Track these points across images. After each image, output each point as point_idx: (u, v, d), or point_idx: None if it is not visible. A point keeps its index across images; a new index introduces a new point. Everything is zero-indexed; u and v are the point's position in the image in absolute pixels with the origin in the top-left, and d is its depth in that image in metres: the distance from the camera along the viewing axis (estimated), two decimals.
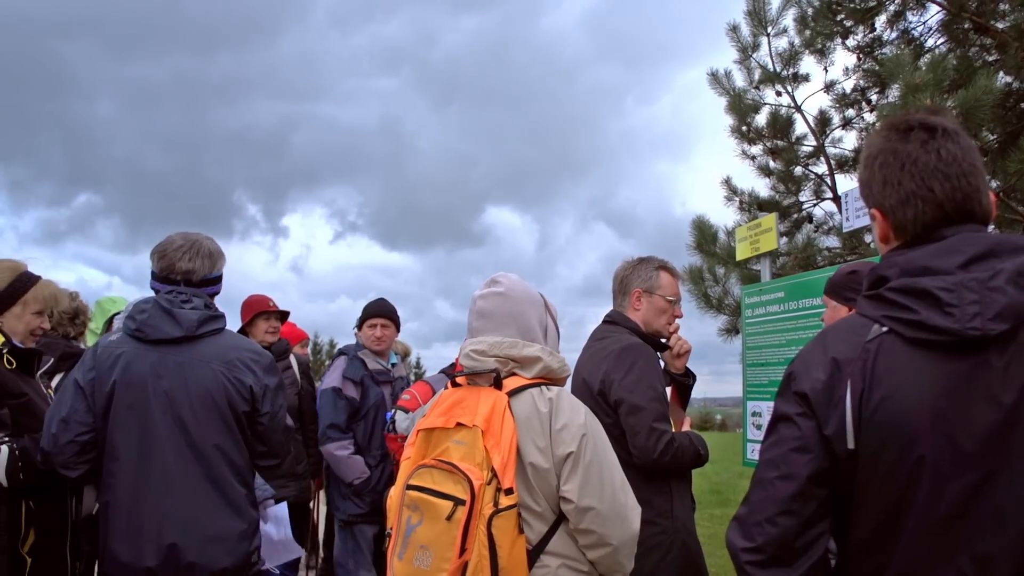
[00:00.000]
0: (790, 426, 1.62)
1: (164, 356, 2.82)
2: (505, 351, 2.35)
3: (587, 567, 2.27)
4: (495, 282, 2.50)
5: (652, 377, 3.17)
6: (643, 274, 3.48)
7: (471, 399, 2.31)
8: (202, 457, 2.76)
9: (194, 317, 2.83)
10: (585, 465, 2.21)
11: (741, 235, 5.74)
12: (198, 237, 3.01)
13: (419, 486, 2.25)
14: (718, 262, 8.15)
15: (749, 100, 8.31)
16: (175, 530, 2.70)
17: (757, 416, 5.04)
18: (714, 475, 14.06)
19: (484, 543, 2.10)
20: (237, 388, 2.81)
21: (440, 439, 2.31)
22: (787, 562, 1.57)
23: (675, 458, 3.05)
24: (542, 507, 2.23)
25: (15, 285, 3.14)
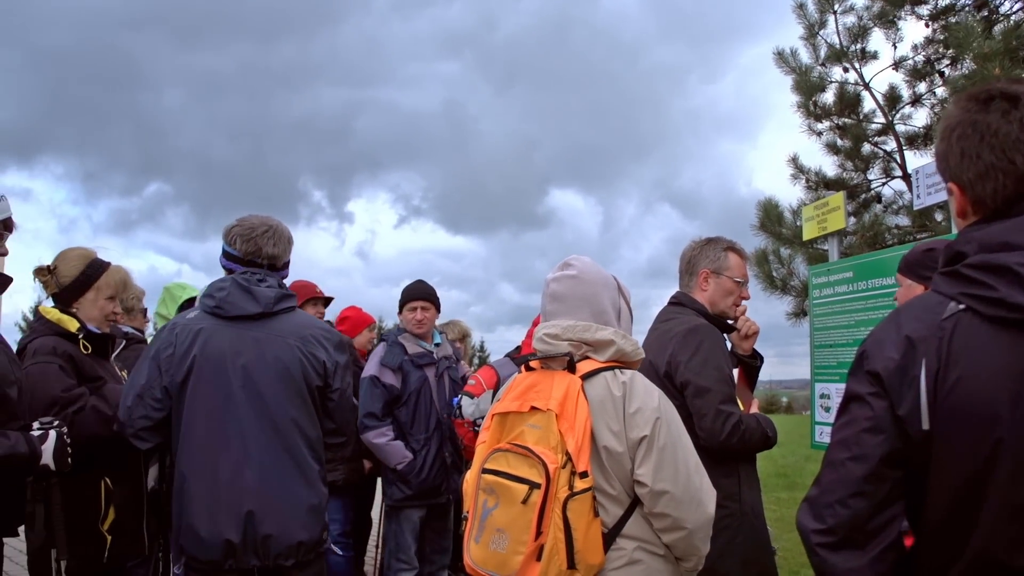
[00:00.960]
0: (862, 406, 1.59)
1: (242, 332, 2.89)
2: (578, 334, 2.35)
3: (663, 550, 2.27)
4: (568, 265, 2.49)
5: (718, 358, 3.13)
6: (711, 255, 3.42)
7: (545, 383, 2.31)
8: (279, 430, 2.82)
9: (271, 295, 2.90)
10: (659, 448, 2.20)
11: (808, 214, 5.64)
12: (274, 221, 3.09)
13: (495, 470, 2.27)
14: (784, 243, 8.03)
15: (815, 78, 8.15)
16: (253, 501, 2.75)
17: (825, 398, 4.97)
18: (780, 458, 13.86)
19: (560, 526, 2.11)
20: (312, 363, 2.87)
21: (515, 423, 2.32)
22: (859, 544, 1.54)
23: (743, 440, 3.02)
24: (617, 490, 2.23)
25: (87, 272, 3.25)
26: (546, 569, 2.12)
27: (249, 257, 3.03)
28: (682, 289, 3.51)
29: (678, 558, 2.30)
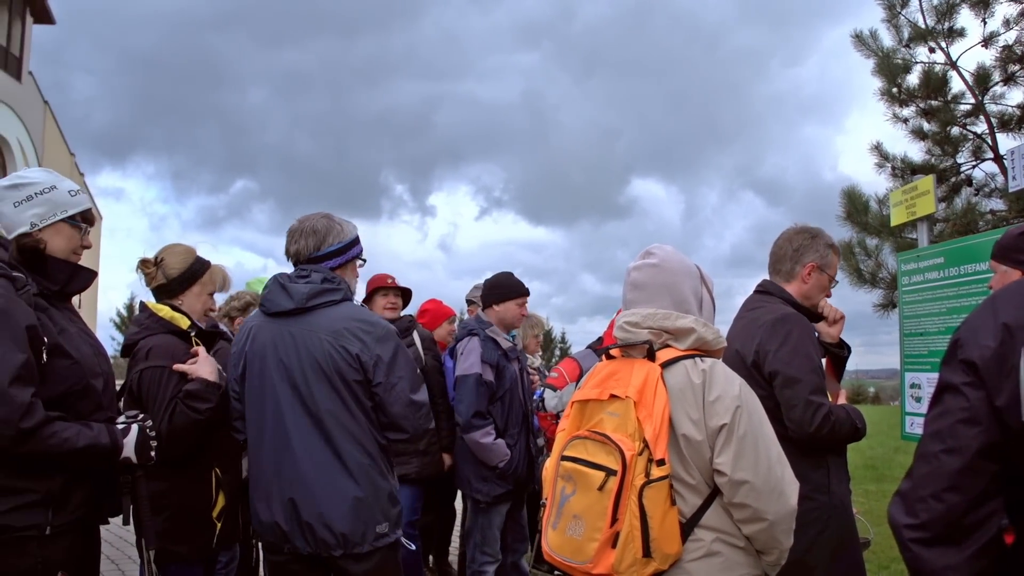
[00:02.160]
0: (957, 396, 1.54)
1: (281, 327, 2.97)
2: (658, 323, 2.34)
3: (743, 542, 2.23)
4: (649, 254, 2.49)
5: (808, 348, 3.09)
6: (819, 249, 3.39)
7: (625, 371, 2.32)
8: (317, 422, 2.87)
9: (304, 290, 2.94)
10: (739, 437, 2.17)
11: (896, 199, 5.50)
12: (312, 217, 3.12)
13: (573, 457, 2.28)
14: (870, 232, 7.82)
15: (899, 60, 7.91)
16: (294, 490, 2.84)
17: (916, 388, 4.85)
18: (868, 450, 13.54)
19: (635, 513, 2.10)
20: (343, 356, 2.88)
21: (594, 411, 2.33)
22: (955, 541, 1.50)
23: (832, 432, 2.97)
24: (695, 480, 2.21)
25: (194, 267, 3.39)
26: (621, 556, 2.12)
27: (287, 256, 3.14)
28: (776, 276, 3.46)
29: (759, 551, 2.26)
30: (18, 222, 2.60)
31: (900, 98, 7.97)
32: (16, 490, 2.41)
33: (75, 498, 2.51)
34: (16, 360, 2.32)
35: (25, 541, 2.39)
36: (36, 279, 2.56)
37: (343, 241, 3.10)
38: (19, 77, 26.70)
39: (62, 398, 2.49)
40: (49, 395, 2.44)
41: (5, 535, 2.38)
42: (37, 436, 2.34)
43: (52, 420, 2.39)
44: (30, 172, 2.70)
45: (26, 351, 2.36)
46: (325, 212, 3.15)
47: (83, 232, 2.71)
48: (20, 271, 2.52)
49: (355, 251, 3.16)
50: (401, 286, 5.20)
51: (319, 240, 3.06)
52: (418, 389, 2.97)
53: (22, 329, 2.37)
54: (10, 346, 2.33)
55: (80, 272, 2.71)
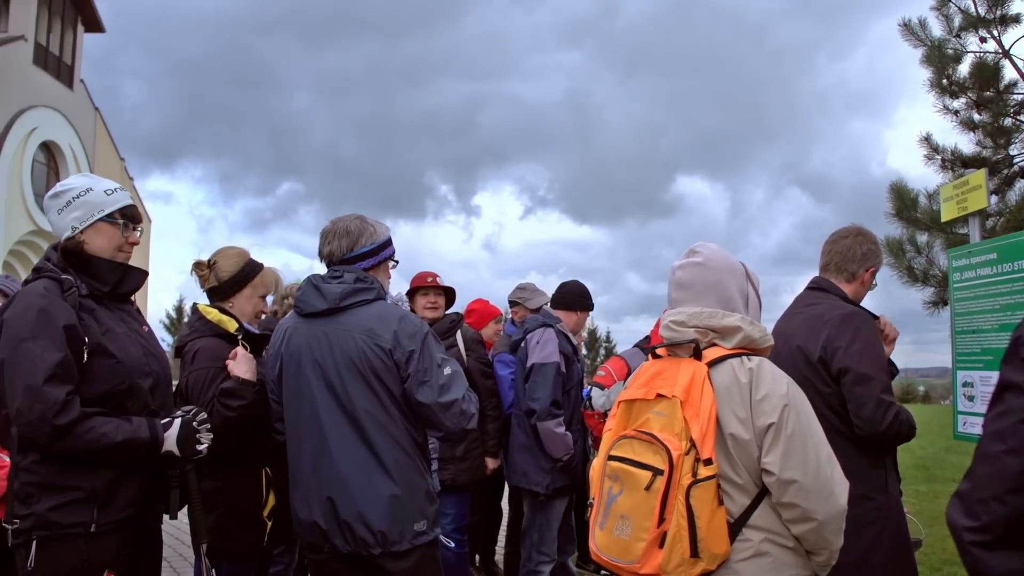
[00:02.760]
0: (1019, 395, 1.51)
1: (315, 327, 3.00)
2: (704, 321, 2.34)
3: (792, 543, 2.22)
4: (694, 252, 2.48)
5: (878, 345, 3.08)
6: (880, 255, 3.47)
7: (671, 370, 2.31)
8: (353, 421, 2.89)
9: (337, 291, 2.97)
10: (787, 436, 2.16)
11: (947, 194, 5.36)
12: (345, 219, 3.14)
13: (620, 456, 2.28)
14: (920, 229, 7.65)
15: (949, 50, 7.73)
16: (332, 489, 2.86)
17: (969, 387, 4.73)
18: (919, 449, 13.28)
19: (683, 513, 2.10)
20: (377, 354, 2.89)
21: (641, 410, 2.32)
22: (1019, 545, 1.45)
23: (899, 431, 2.95)
24: (743, 479, 2.20)
25: (246, 269, 3.44)
26: (669, 556, 2.11)
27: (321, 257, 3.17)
28: (838, 275, 3.44)
29: (808, 552, 2.24)
30: (62, 227, 2.69)
31: (950, 89, 7.79)
32: (62, 488, 2.47)
33: (122, 497, 2.56)
34: (52, 359, 2.42)
35: (71, 538, 2.46)
36: (87, 281, 2.64)
37: (376, 242, 3.12)
38: (71, 85, 27.34)
39: (106, 397, 2.56)
40: (92, 394, 2.51)
41: (51, 532, 2.45)
42: (73, 432, 2.41)
43: (89, 416, 2.45)
44: (70, 179, 2.78)
45: (63, 350, 2.44)
46: (358, 214, 3.18)
47: (124, 228, 2.74)
48: (70, 273, 2.61)
49: (388, 252, 3.18)
50: (442, 285, 5.18)
51: (352, 241, 3.08)
52: (449, 389, 2.94)
53: (60, 329, 2.46)
54: (47, 345, 2.43)
55: (130, 272, 2.77)
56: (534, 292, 5.65)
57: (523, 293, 5.66)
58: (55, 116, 26.10)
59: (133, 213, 2.78)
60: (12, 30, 24.79)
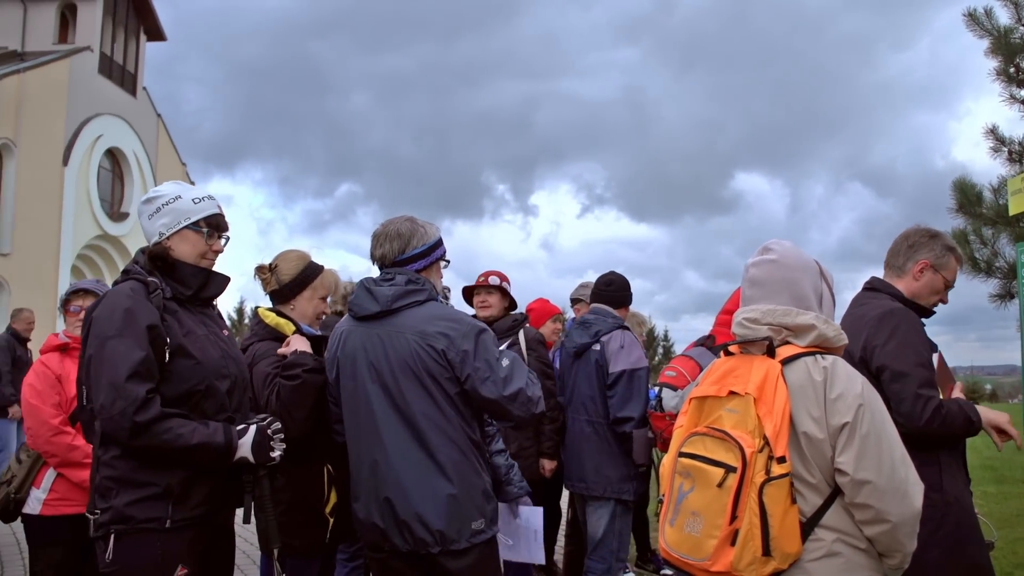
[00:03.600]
0: None
1: (369, 330, 3.03)
2: (778, 319, 2.33)
3: (865, 544, 2.19)
4: (768, 249, 2.47)
5: (915, 341, 3.04)
6: (936, 249, 3.34)
7: (744, 367, 2.30)
8: (409, 422, 2.92)
9: (389, 293, 3.00)
10: (862, 436, 2.14)
11: (1014, 187, 5.23)
12: (396, 221, 3.17)
13: (691, 453, 2.27)
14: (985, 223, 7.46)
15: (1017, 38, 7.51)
16: (389, 489, 2.90)
17: None
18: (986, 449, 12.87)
19: (755, 511, 2.09)
20: (431, 355, 2.91)
21: (713, 407, 2.32)
22: None
23: (944, 425, 2.90)
24: (816, 479, 2.18)
25: (306, 272, 3.51)
26: (740, 554, 2.10)
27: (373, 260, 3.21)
28: (888, 272, 3.41)
29: (881, 554, 2.21)
30: (151, 232, 2.80)
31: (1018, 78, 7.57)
32: (138, 483, 2.56)
33: (196, 494, 2.63)
34: (135, 357, 2.51)
35: (147, 533, 2.54)
36: (171, 284, 2.74)
37: (427, 243, 3.13)
38: (134, 93, 28.07)
39: (185, 396, 2.64)
40: (172, 393, 2.60)
41: (128, 526, 2.53)
42: (152, 430, 2.49)
43: (169, 416, 2.54)
44: (162, 186, 2.87)
45: (146, 349, 2.54)
46: (409, 215, 3.21)
47: (208, 236, 2.82)
48: (156, 277, 2.72)
49: (439, 253, 3.19)
50: (492, 284, 5.17)
51: (403, 243, 3.10)
52: (510, 381, 2.94)
53: (144, 328, 2.56)
54: (131, 344, 2.53)
55: (213, 278, 2.87)
56: None
57: (586, 290, 5.65)
58: (120, 123, 26.83)
59: (218, 222, 2.86)
60: (79, 41, 25.56)
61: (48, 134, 23.78)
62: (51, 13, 25.70)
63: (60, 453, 3.69)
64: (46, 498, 3.73)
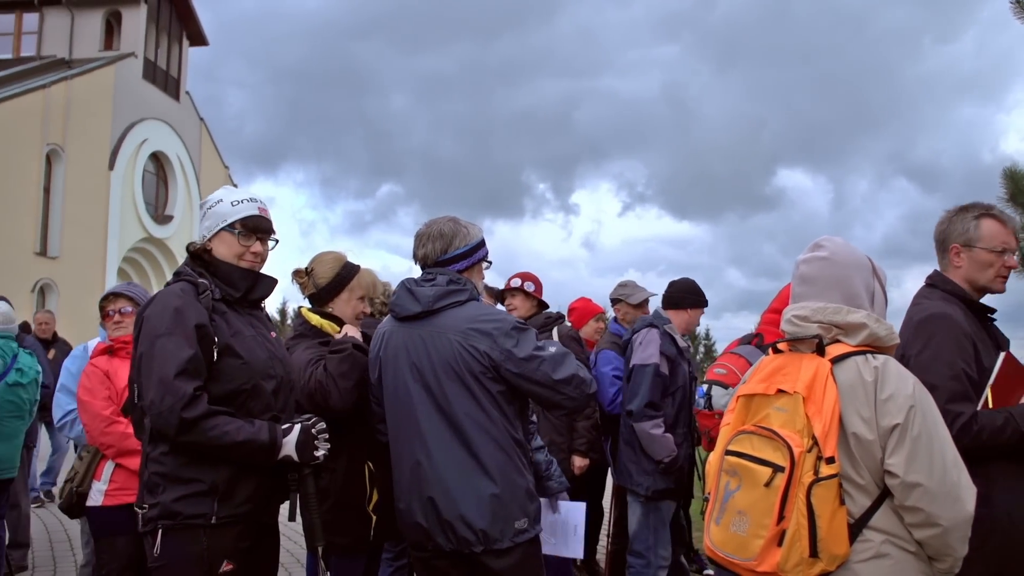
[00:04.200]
0: None
1: (411, 331, 3.04)
2: (828, 317, 2.29)
3: (914, 547, 2.15)
4: (819, 246, 2.43)
5: (949, 352, 2.87)
6: (960, 227, 3.13)
7: (792, 365, 2.27)
8: (452, 422, 2.92)
9: (430, 293, 3.00)
10: (913, 438, 2.09)
11: None
12: (439, 221, 3.17)
13: (738, 451, 2.25)
14: None
15: None
16: (432, 489, 2.90)
17: None
18: None
19: (803, 512, 2.06)
20: (473, 354, 2.91)
21: (760, 405, 2.29)
22: None
23: (977, 442, 2.74)
24: (865, 480, 2.15)
25: (341, 274, 3.52)
26: (787, 555, 2.07)
27: (416, 260, 3.22)
28: (940, 267, 3.24)
29: (931, 558, 2.17)
30: (199, 234, 2.91)
31: None
32: (185, 479, 2.61)
33: (241, 492, 2.67)
34: (184, 355, 2.57)
35: (193, 529, 2.58)
36: (220, 286, 2.80)
37: (469, 243, 3.13)
38: (177, 97, 28.55)
39: (232, 395, 2.69)
40: (219, 392, 2.65)
41: (175, 521, 2.58)
42: (199, 427, 2.54)
43: (215, 414, 2.58)
44: (215, 192, 2.95)
45: (194, 347, 2.60)
46: (451, 215, 3.21)
47: (242, 238, 2.84)
48: (206, 278, 2.79)
49: (481, 253, 3.19)
50: (513, 286, 5.21)
51: (446, 243, 3.10)
52: (560, 365, 2.92)
53: (192, 327, 2.62)
54: (180, 342, 2.59)
55: (261, 280, 2.92)
56: (635, 288, 5.64)
57: (624, 290, 5.65)
58: (163, 128, 27.32)
59: (256, 224, 2.87)
60: (123, 48, 26.10)
61: (95, 139, 24.32)
62: (97, 21, 26.29)
63: (115, 443, 3.76)
64: (107, 489, 3.80)
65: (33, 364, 5.43)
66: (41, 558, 6.60)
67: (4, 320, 5.31)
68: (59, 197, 23.24)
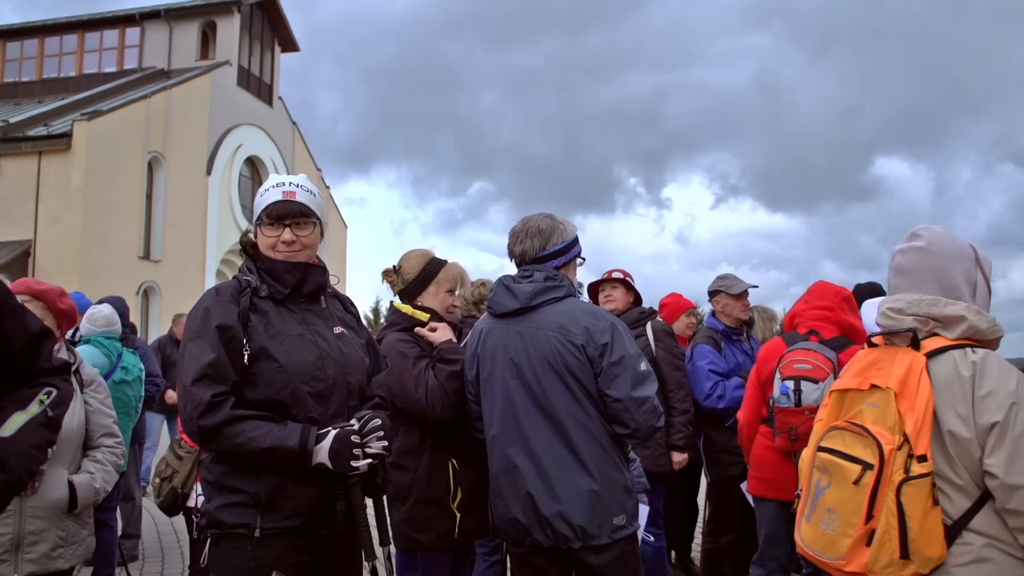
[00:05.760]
0: None
1: (509, 327, 3.06)
2: (924, 309, 2.19)
3: (1021, 552, 2.03)
4: (916, 236, 2.33)
5: None
6: None
7: (887, 360, 2.19)
8: (550, 418, 2.93)
9: (528, 290, 3.01)
10: (1014, 438, 1.98)
11: None
12: (535, 218, 3.18)
13: (829, 448, 2.20)
14: None
15: None
16: (530, 484, 2.91)
17: None
18: None
19: (892, 511, 1.99)
20: (570, 350, 2.91)
21: (854, 401, 2.23)
22: None
23: None
24: (963, 480, 2.05)
25: (427, 268, 3.56)
26: (876, 556, 2.01)
27: (511, 258, 3.22)
28: None
29: None
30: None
31: None
32: (228, 488, 2.49)
33: (288, 504, 2.47)
34: (204, 359, 2.41)
35: (238, 538, 2.46)
36: (269, 283, 2.63)
37: (566, 240, 3.15)
38: (271, 103, 29.37)
39: (270, 402, 2.50)
40: (257, 398, 2.49)
41: (220, 530, 2.49)
42: (221, 434, 2.39)
43: (240, 419, 2.41)
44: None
45: (217, 350, 2.44)
46: (547, 212, 3.21)
47: (268, 227, 2.66)
48: (257, 275, 2.65)
49: (576, 250, 3.20)
50: (615, 278, 5.16)
51: (544, 240, 3.12)
52: (642, 383, 2.92)
53: (214, 328, 2.46)
54: (203, 346, 2.44)
55: (311, 271, 2.70)
56: (735, 280, 5.54)
57: (724, 281, 5.57)
58: (258, 133, 28.15)
59: (279, 211, 2.64)
60: (218, 57, 26.99)
61: (193, 146, 25.22)
62: (193, 32, 27.24)
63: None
64: None
65: (137, 362, 5.67)
66: (150, 549, 6.86)
67: (107, 322, 5.56)
68: (160, 203, 24.16)
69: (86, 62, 28.04)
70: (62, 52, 28.33)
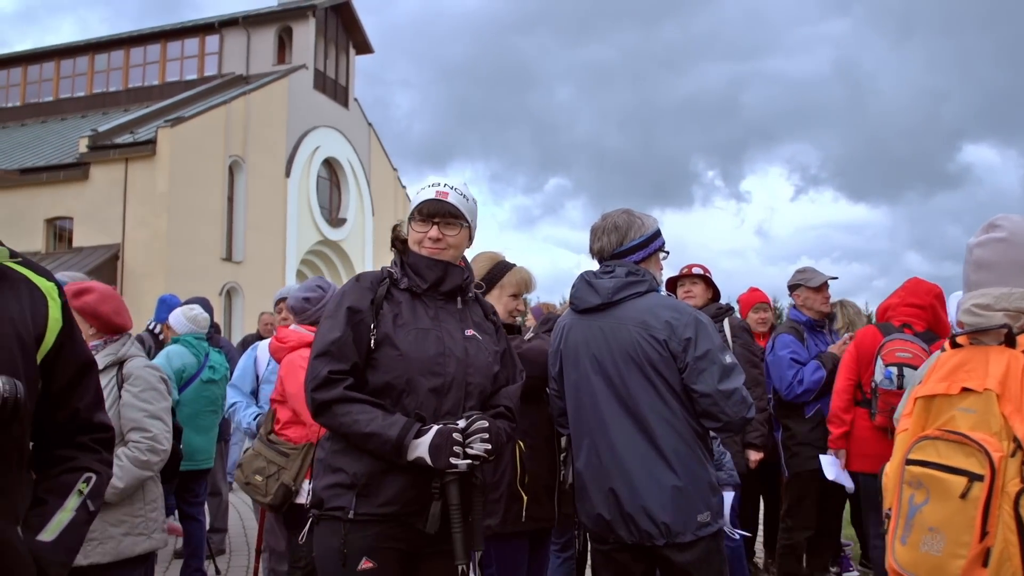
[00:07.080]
0: None
1: (591, 323, 3.05)
2: (1016, 303, 2.01)
3: None
4: (994, 226, 2.15)
5: None
6: None
7: (977, 360, 2.00)
8: (633, 413, 2.91)
9: (609, 285, 3.00)
10: None
11: None
12: (613, 214, 3.17)
13: (923, 460, 2.01)
14: None
15: None
16: (614, 481, 2.90)
17: None
18: None
19: (1011, 526, 1.81)
20: (653, 345, 2.88)
21: (943, 407, 2.04)
22: None
23: None
24: None
25: (493, 271, 3.54)
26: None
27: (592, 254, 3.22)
28: None
29: None
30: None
31: None
32: (333, 468, 2.57)
33: (385, 491, 2.51)
34: (330, 337, 2.54)
35: (334, 521, 2.51)
36: (411, 276, 2.72)
37: (645, 234, 3.12)
38: (347, 104, 29.82)
39: (386, 388, 2.56)
40: (375, 383, 2.56)
41: (320, 511, 2.55)
42: (331, 411, 2.49)
43: (351, 400, 2.48)
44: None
45: (343, 330, 2.55)
46: (625, 208, 3.20)
47: (418, 223, 2.74)
48: (400, 267, 2.75)
49: (657, 243, 3.17)
50: (696, 273, 5.12)
51: (621, 236, 3.10)
52: (729, 375, 2.87)
53: (345, 310, 2.59)
54: (332, 324, 2.57)
55: (450, 270, 2.75)
56: (813, 272, 5.44)
57: (803, 275, 5.47)
58: (334, 134, 28.63)
59: (430, 209, 2.72)
60: (295, 61, 27.53)
61: (272, 149, 25.81)
62: (270, 37, 27.84)
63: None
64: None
65: (223, 362, 5.80)
66: (237, 543, 7.04)
67: (205, 324, 5.72)
68: (241, 205, 24.78)
69: (168, 70, 28.99)
70: (146, 62, 29.35)
